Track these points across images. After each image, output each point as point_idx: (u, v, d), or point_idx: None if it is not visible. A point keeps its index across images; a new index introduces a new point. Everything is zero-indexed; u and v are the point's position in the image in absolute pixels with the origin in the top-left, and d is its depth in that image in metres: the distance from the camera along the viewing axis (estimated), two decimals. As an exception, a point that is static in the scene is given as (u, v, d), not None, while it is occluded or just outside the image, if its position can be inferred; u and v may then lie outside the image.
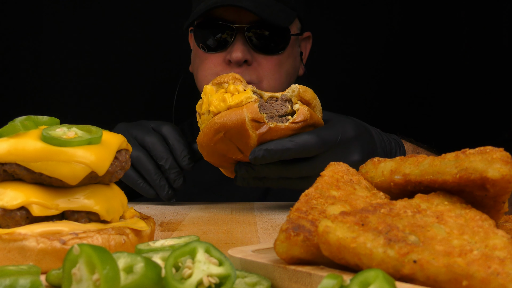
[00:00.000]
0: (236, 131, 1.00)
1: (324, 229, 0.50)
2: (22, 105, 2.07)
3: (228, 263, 0.50)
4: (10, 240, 0.59)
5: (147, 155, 1.19)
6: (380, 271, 0.45)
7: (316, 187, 0.62)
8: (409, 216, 0.52)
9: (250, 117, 0.99)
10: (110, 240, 0.63)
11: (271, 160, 1.02)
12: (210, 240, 0.81)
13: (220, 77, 1.05)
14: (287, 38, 1.44)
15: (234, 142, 1.02)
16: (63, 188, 0.64)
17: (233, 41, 1.38)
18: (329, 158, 1.03)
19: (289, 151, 1.01)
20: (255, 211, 1.13)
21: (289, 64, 1.48)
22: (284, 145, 1.01)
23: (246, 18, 1.38)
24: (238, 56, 1.36)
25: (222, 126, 1.00)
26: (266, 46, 1.41)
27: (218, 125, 1.00)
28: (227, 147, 1.03)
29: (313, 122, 1.04)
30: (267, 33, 1.40)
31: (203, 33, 1.43)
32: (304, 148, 1.02)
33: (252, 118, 0.99)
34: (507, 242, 0.48)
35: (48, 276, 0.54)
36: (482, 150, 0.55)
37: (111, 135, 0.69)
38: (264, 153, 1.00)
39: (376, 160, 0.67)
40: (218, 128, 1.00)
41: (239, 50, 1.36)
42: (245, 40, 1.38)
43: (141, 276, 0.47)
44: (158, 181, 1.18)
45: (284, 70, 1.45)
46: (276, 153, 1.00)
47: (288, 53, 1.46)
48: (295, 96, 1.03)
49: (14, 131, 0.64)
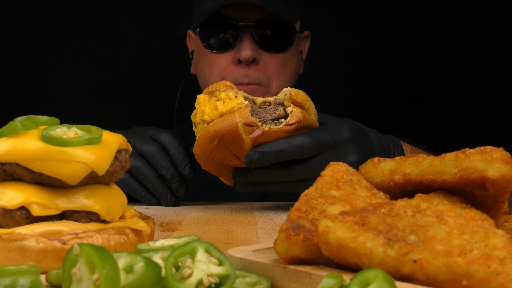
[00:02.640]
0: (230, 137, 1.00)
1: (324, 228, 0.50)
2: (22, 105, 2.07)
3: (228, 263, 0.50)
4: (10, 240, 0.59)
5: (147, 164, 1.17)
6: (380, 270, 0.45)
7: (316, 187, 0.62)
8: (409, 216, 0.52)
9: (243, 121, 1.00)
10: (110, 240, 0.63)
11: (266, 163, 1.02)
12: (210, 240, 0.81)
13: (212, 86, 1.06)
14: (293, 36, 1.44)
15: (229, 148, 1.03)
16: (63, 188, 0.64)
17: (241, 40, 1.38)
18: (325, 159, 1.04)
19: (284, 153, 1.01)
20: (255, 211, 1.13)
21: (294, 62, 1.49)
22: (279, 146, 1.01)
23: (253, 16, 1.38)
24: (248, 54, 1.36)
25: (216, 134, 1.01)
26: (273, 44, 1.41)
27: (212, 133, 1.01)
28: (223, 154, 1.04)
29: (307, 124, 1.04)
30: (273, 31, 1.40)
31: (209, 33, 1.42)
32: (299, 149, 1.02)
33: (245, 123, 1.00)
34: (507, 242, 0.48)
35: (48, 276, 0.54)
36: (482, 150, 0.55)
37: (111, 135, 0.69)
38: (259, 155, 1.00)
39: (376, 160, 0.67)
40: (212, 136, 1.01)
41: (248, 49, 1.36)
42: (253, 39, 1.38)
43: (141, 276, 0.47)
44: (160, 190, 1.17)
45: (289, 69, 1.46)
46: (270, 155, 1.00)
47: (293, 51, 1.47)
48: (287, 99, 1.03)
49: (14, 131, 0.64)
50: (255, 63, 1.39)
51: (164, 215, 1.06)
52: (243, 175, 1.08)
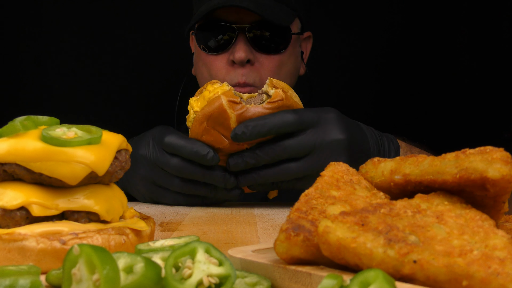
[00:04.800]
0: (216, 116, 1.07)
1: (324, 229, 0.50)
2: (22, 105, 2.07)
3: (228, 263, 0.50)
4: (10, 240, 0.59)
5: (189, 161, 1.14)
6: (380, 271, 0.45)
7: (316, 187, 0.62)
8: (409, 216, 0.52)
9: (227, 99, 1.07)
10: (110, 240, 0.63)
11: (250, 137, 1.06)
12: (210, 240, 0.81)
13: (201, 88, 1.14)
14: (288, 38, 1.45)
15: (217, 129, 1.09)
16: (63, 188, 0.64)
17: (235, 41, 1.39)
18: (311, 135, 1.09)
19: (267, 125, 1.06)
20: (255, 211, 1.13)
21: (291, 63, 1.49)
22: (261, 118, 1.06)
23: (247, 18, 1.39)
24: (241, 55, 1.37)
25: (203, 116, 1.08)
26: (268, 45, 1.42)
27: (200, 116, 1.08)
28: (213, 138, 1.09)
29: (289, 104, 1.11)
30: (268, 33, 1.41)
31: (205, 35, 1.44)
32: (282, 121, 1.07)
33: (229, 100, 1.07)
34: (507, 242, 0.48)
35: (48, 276, 0.54)
36: (482, 150, 0.55)
37: (111, 135, 0.69)
38: (243, 128, 1.05)
39: (376, 160, 0.67)
40: (201, 118, 1.08)
41: (242, 50, 1.37)
42: (247, 40, 1.39)
43: (141, 276, 0.47)
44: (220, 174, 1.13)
45: (285, 70, 1.46)
46: (254, 128, 1.05)
47: (290, 52, 1.47)
48: (268, 84, 1.11)
49: (13, 131, 0.64)
50: (250, 64, 1.40)
51: (164, 215, 1.06)
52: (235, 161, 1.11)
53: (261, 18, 1.38)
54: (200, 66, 1.49)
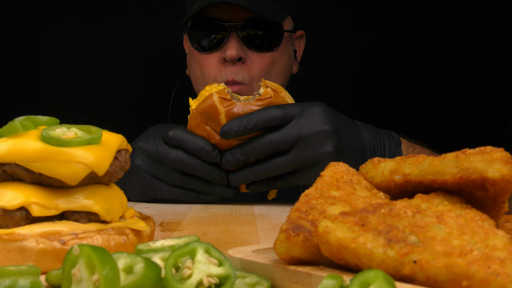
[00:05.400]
0: (208, 111, 1.13)
1: (324, 229, 0.50)
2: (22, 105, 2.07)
3: (228, 264, 0.50)
4: (10, 240, 0.59)
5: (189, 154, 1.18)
6: (380, 271, 0.45)
7: (316, 187, 0.62)
8: (409, 216, 0.52)
9: (218, 95, 1.13)
10: (110, 241, 0.63)
11: (237, 132, 1.10)
12: (210, 240, 0.81)
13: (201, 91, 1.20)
14: (281, 35, 1.45)
15: (209, 124, 1.15)
16: (63, 188, 0.64)
17: (227, 39, 1.39)
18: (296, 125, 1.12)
19: (253, 119, 1.10)
20: (255, 211, 1.13)
21: (283, 62, 1.49)
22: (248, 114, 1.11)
23: (239, 16, 1.39)
24: (233, 53, 1.37)
25: (197, 112, 1.15)
26: (260, 43, 1.42)
27: (195, 112, 1.15)
28: (206, 133, 1.15)
29: (278, 102, 1.15)
30: (260, 32, 1.41)
31: (197, 34, 1.44)
32: (267, 116, 1.11)
33: (220, 96, 1.13)
34: (507, 242, 0.48)
35: (48, 276, 0.54)
36: (482, 150, 0.55)
37: (111, 135, 0.69)
38: (230, 125, 1.10)
39: (376, 160, 0.67)
40: (195, 115, 1.15)
41: (233, 48, 1.38)
42: (239, 38, 1.39)
43: (141, 277, 0.47)
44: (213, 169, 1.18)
45: (277, 68, 1.46)
46: (241, 123, 1.10)
47: (282, 50, 1.47)
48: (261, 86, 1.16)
49: (13, 131, 0.64)
50: (242, 62, 1.40)
51: (164, 215, 1.06)
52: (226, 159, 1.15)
53: (253, 16, 1.38)
54: (193, 65, 1.50)
